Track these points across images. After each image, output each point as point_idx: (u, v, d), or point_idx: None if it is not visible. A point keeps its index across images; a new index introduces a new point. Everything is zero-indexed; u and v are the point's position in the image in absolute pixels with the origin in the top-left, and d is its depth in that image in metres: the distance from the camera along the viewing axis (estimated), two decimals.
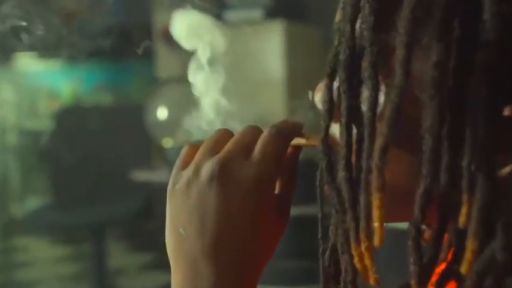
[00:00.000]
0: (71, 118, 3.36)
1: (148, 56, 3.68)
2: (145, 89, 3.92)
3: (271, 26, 2.95)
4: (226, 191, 0.45)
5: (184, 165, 0.48)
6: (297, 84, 2.99)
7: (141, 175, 2.80)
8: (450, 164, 0.35)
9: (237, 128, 0.51)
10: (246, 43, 2.77)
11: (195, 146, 0.49)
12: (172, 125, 2.63)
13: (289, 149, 0.50)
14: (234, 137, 0.48)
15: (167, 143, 2.71)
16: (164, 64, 3.53)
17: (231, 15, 2.89)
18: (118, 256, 3.38)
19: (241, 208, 0.45)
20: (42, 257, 3.58)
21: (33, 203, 3.95)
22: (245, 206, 0.45)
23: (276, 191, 0.50)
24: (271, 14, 3.03)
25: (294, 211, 0.49)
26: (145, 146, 2.97)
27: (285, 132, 0.48)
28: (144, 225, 3.53)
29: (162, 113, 2.66)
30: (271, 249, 0.48)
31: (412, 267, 0.36)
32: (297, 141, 0.49)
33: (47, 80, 4.22)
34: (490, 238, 0.34)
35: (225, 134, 0.49)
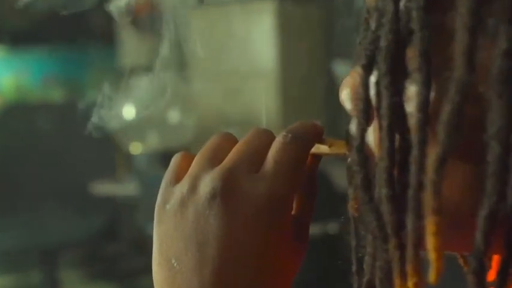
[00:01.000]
0: (15, 118, 3.34)
1: (110, 41, 3.67)
2: (106, 82, 3.90)
3: (260, 6, 2.96)
4: (231, 212, 0.43)
5: (177, 178, 0.46)
6: (292, 74, 2.99)
7: (103, 188, 2.81)
8: None
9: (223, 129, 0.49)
10: (231, 25, 2.77)
11: (189, 155, 0.48)
12: (141, 126, 2.63)
13: (308, 158, 0.48)
14: (239, 143, 0.47)
15: (135, 148, 2.71)
16: (129, 51, 3.52)
17: None
18: (73, 286, 3.37)
19: (251, 233, 0.44)
20: None
21: None
22: (256, 230, 0.44)
23: (293, 210, 0.48)
24: None
25: None
26: (108, 152, 2.97)
27: (304, 138, 0.47)
28: (106, 248, 3.52)
29: (128, 111, 2.64)
30: (287, 280, 0.47)
31: None
32: (318, 148, 0.48)
33: None
34: None
35: (228, 140, 0.48)
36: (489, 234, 0.34)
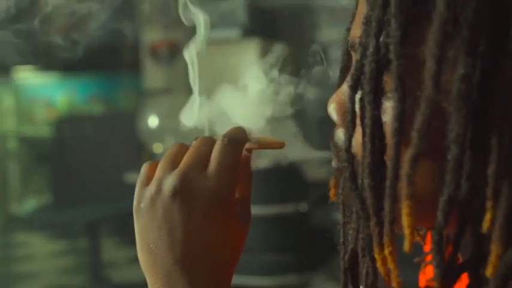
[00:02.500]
0: (68, 126, 3.32)
1: (136, 69, 3.66)
2: (133, 99, 3.90)
3: (247, 45, 2.96)
4: (190, 205, 0.43)
5: (147, 182, 0.45)
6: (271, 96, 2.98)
7: (132, 177, 2.78)
8: (471, 173, 0.34)
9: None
10: (226, 59, 2.77)
11: (153, 164, 0.46)
12: (162, 132, 2.62)
13: (242, 154, 0.47)
14: (189, 149, 0.46)
15: (158, 148, 2.70)
16: (150, 77, 3.51)
17: (212, 33, 2.88)
18: (111, 250, 3.36)
19: (206, 218, 0.43)
20: (41, 251, 3.54)
21: (33, 202, 3.91)
22: (210, 216, 0.43)
23: (236, 195, 0.47)
24: (248, 33, 3.05)
25: (271, 210, 0.47)
26: (137, 151, 2.95)
27: (238, 139, 0.46)
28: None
29: (152, 121, 2.68)
30: (239, 249, 0.46)
31: (436, 270, 0.35)
32: (249, 145, 0.47)
33: (44, 92, 4.17)
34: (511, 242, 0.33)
35: (181, 148, 0.46)
36: (447, 214, 0.34)
